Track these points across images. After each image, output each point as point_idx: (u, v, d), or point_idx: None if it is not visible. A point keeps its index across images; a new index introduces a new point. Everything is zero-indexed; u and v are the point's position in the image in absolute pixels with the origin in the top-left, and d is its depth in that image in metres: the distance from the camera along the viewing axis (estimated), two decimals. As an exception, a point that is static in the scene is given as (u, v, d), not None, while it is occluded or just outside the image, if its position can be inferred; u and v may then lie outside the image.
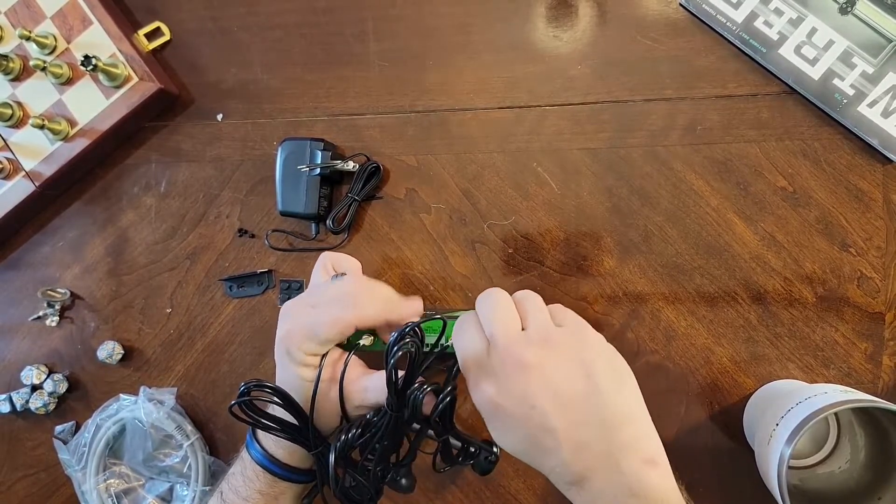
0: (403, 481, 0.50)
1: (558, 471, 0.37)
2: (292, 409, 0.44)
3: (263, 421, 0.44)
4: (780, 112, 0.53)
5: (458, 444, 0.51)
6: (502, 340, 0.38)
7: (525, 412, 0.36)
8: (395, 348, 0.39)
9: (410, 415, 0.43)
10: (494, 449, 0.54)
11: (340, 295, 0.47)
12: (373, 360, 0.48)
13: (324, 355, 0.46)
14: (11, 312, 0.65)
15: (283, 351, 0.47)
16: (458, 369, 0.45)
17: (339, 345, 0.48)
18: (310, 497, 0.50)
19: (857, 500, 0.47)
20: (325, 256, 0.51)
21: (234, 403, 0.41)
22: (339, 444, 0.44)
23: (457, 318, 0.47)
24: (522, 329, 0.39)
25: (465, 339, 0.40)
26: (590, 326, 0.40)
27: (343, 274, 0.50)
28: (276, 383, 0.48)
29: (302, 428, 0.45)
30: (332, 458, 0.44)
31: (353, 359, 0.47)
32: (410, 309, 0.48)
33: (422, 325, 0.41)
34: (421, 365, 0.42)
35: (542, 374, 0.37)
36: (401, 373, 0.42)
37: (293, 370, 0.46)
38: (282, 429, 0.45)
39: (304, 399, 0.46)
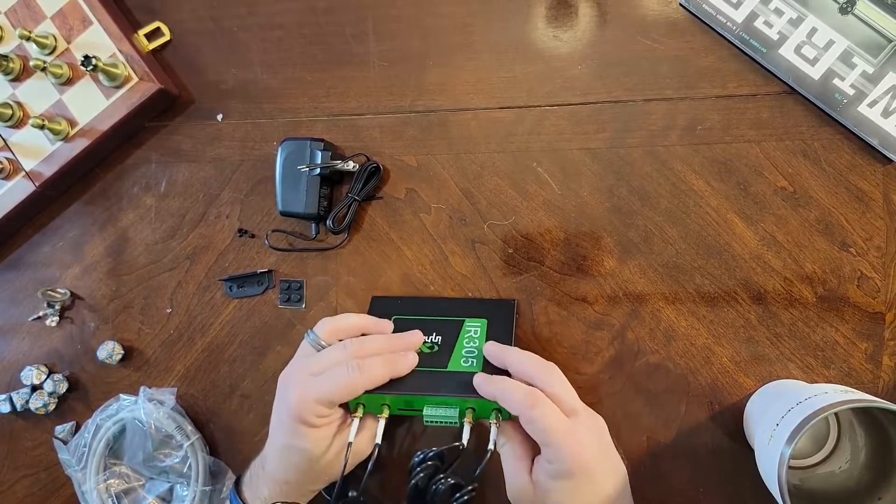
0: None
1: None
2: None
3: None
4: (780, 112, 0.53)
5: None
6: (584, 410, 0.47)
7: (604, 468, 0.45)
8: (419, 469, 0.43)
9: None
10: None
11: (344, 358, 0.48)
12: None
13: (350, 413, 0.49)
14: (11, 312, 0.65)
15: (294, 416, 0.47)
16: (485, 466, 0.45)
17: None
18: None
19: (857, 500, 0.47)
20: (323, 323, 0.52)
21: None
22: None
23: (446, 401, 0.48)
24: None
25: (550, 412, 0.44)
26: None
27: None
28: (277, 448, 0.50)
29: None
30: None
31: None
32: (408, 361, 0.50)
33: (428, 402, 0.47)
34: (434, 495, 0.43)
35: (610, 443, 0.48)
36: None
37: (306, 433, 0.47)
38: None
39: (308, 462, 0.48)
